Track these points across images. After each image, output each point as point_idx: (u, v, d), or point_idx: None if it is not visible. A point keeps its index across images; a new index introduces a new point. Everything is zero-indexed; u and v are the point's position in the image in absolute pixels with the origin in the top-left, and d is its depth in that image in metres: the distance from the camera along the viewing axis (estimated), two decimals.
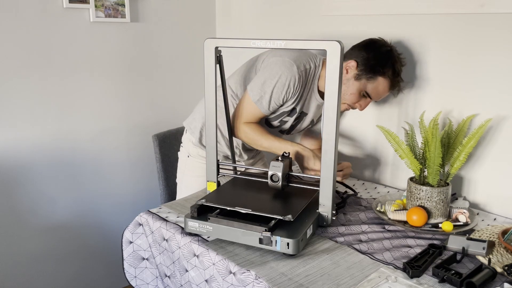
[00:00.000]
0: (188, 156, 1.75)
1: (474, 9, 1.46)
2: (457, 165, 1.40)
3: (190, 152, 1.74)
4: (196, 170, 1.73)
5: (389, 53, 1.53)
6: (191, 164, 1.75)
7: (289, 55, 1.52)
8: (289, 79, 1.49)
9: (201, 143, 1.71)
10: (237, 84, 1.64)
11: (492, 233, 1.30)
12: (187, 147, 1.76)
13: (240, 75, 1.65)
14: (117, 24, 2.05)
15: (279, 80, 1.49)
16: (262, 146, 1.55)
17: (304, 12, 1.98)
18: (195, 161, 1.73)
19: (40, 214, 2.00)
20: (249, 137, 1.56)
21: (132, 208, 2.28)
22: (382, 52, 1.52)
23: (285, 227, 1.18)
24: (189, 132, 1.74)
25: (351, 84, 1.53)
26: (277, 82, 1.49)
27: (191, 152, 1.74)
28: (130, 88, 2.17)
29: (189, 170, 1.76)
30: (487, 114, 1.49)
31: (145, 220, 1.40)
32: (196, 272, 1.23)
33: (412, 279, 1.08)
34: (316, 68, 1.57)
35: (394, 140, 1.41)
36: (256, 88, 1.51)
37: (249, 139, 1.56)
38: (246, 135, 1.56)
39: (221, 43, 1.31)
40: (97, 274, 2.24)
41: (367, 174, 1.87)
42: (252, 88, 1.52)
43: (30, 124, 1.90)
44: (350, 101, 1.56)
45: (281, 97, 1.52)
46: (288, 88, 1.50)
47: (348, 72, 1.53)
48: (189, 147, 1.75)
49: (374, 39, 1.56)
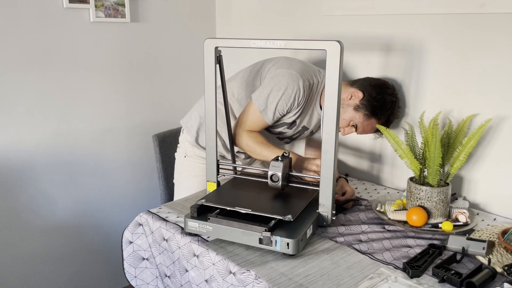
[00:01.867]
0: (185, 156, 1.75)
1: (474, 9, 1.46)
2: (457, 165, 1.40)
3: (187, 152, 1.75)
4: (193, 170, 1.73)
5: (392, 104, 1.57)
6: (188, 164, 1.75)
7: (296, 68, 1.54)
8: (295, 92, 1.51)
9: (197, 143, 1.71)
10: (240, 88, 1.65)
11: (492, 233, 1.30)
12: (184, 147, 1.76)
13: (244, 80, 1.65)
14: (117, 24, 2.05)
15: (285, 92, 1.51)
16: (261, 154, 1.55)
17: (304, 12, 1.98)
18: (192, 161, 1.73)
19: (40, 214, 2.00)
20: (250, 145, 1.56)
21: (132, 208, 2.28)
22: (387, 100, 1.56)
23: (285, 227, 1.18)
24: (185, 131, 1.75)
25: (348, 110, 1.56)
26: (283, 94, 1.51)
27: (188, 152, 1.74)
28: (130, 88, 2.17)
29: (186, 171, 1.76)
30: (487, 114, 1.49)
31: (145, 220, 1.40)
32: (196, 272, 1.23)
33: (412, 279, 1.08)
34: (319, 83, 1.59)
35: (394, 140, 1.41)
36: (262, 98, 1.53)
37: (249, 147, 1.56)
38: (247, 143, 1.56)
39: (221, 43, 1.31)
40: (97, 274, 2.24)
41: (367, 174, 1.87)
42: (258, 98, 1.54)
43: (30, 124, 1.90)
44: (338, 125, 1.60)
45: (285, 109, 1.54)
46: (294, 101, 1.53)
47: (352, 99, 1.55)
48: (186, 147, 1.75)
49: (387, 84, 1.59)
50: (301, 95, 1.53)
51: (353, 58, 1.83)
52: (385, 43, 1.72)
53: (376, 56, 1.75)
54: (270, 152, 1.52)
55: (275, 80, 1.53)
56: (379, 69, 1.75)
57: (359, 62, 1.81)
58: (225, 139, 1.66)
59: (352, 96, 1.55)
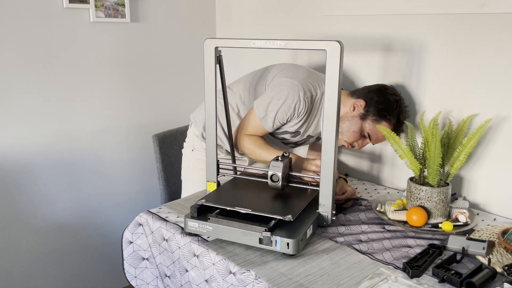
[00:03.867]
0: (192, 150, 1.78)
1: (474, 9, 1.46)
2: (457, 165, 1.40)
3: (194, 146, 1.77)
4: (200, 163, 1.74)
5: (397, 102, 1.55)
6: (195, 157, 1.77)
7: (300, 78, 1.54)
8: (295, 102, 1.51)
9: (204, 137, 1.72)
10: (246, 91, 1.67)
11: (492, 233, 1.30)
12: (191, 141, 1.78)
13: (249, 83, 1.67)
14: (117, 24, 2.05)
15: (285, 102, 1.51)
16: (260, 156, 1.56)
17: (304, 12, 1.98)
18: (199, 154, 1.75)
19: (40, 214, 2.00)
20: (249, 148, 1.57)
21: (132, 208, 2.28)
22: (391, 100, 1.54)
23: (285, 227, 1.19)
24: (193, 125, 1.77)
25: (355, 122, 1.54)
26: (283, 104, 1.51)
27: (196, 146, 1.76)
28: (130, 88, 2.17)
29: (193, 164, 1.78)
30: (487, 114, 1.49)
31: (145, 220, 1.40)
32: (196, 272, 1.23)
33: (412, 279, 1.08)
34: (323, 95, 1.57)
35: (394, 140, 1.41)
36: (262, 106, 1.54)
37: (249, 150, 1.58)
38: (247, 146, 1.58)
39: (221, 43, 1.31)
40: (97, 274, 2.24)
41: (367, 174, 1.87)
42: (259, 105, 1.55)
43: (30, 124, 1.90)
44: (351, 139, 1.57)
45: (285, 118, 1.55)
46: (294, 111, 1.52)
47: (355, 109, 1.54)
48: (194, 140, 1.77)
49: (386, 85, 1.58)
50: (301, 106, 1.52)
51: (353, 58, 1.83)
52: (385, 43, 1.72)
53: (376, 56, 1.75)
54: (269, 154, 1.52)
55: (276, 89, 1.53)
56: (379, 69, 1.75)
57: (359, 62, 1.81)
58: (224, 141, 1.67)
59: (355, 107, 1.54)
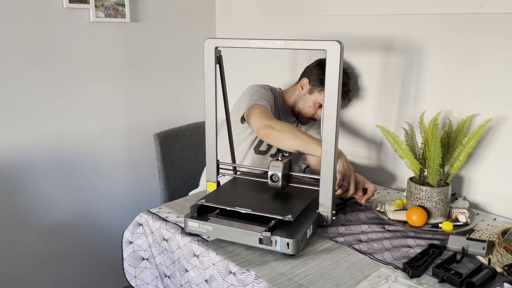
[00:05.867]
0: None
1: (474, 9, 1.46)
2: (457, 165, 1.40)
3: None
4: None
5: None
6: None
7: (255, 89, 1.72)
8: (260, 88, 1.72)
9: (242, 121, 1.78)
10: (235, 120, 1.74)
11: (492, 233, 1.30)
12: None
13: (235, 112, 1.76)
14: (117, 24, 2.05)
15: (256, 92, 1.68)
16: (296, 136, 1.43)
17: (304, 12, 1.98)
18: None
19: (40, 214, 2.00)
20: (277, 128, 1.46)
21: (132, 208, 2.28)
22: None
23: (285, 227, 1.18)
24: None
25: (307, 98, 1.76)
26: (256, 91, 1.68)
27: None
28: (130, 87, 2.17)
29: None
30: (487, 114, 1.49)
31: (145, 220, 1.40)
32: (196, 272, 1.23)
33: (412, 279, 1.08)
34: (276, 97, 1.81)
35: (394, 140, 1.41)
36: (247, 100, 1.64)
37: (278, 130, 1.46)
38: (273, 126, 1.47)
39: (221, 43, 1.31)
40: (97, 274, 2.24)
41: (367, 174, 1.87)
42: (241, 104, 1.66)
43: (30, 124, 1.90)
44: (310, 114, 1.77)
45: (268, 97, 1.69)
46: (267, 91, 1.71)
47: (303, 88, 1.76)
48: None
49: (322, 59, 1.74)
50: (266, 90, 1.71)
51: (353, 58, 1.83)
52: (385, 43, 1.72)
53: (376, 56, 1.75)
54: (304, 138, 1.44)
55: (245, 93, 1.70)
56: (379, 69, 1.75)
57: (359, 62, 1.81)
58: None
59: (302, 86, 1.76)
